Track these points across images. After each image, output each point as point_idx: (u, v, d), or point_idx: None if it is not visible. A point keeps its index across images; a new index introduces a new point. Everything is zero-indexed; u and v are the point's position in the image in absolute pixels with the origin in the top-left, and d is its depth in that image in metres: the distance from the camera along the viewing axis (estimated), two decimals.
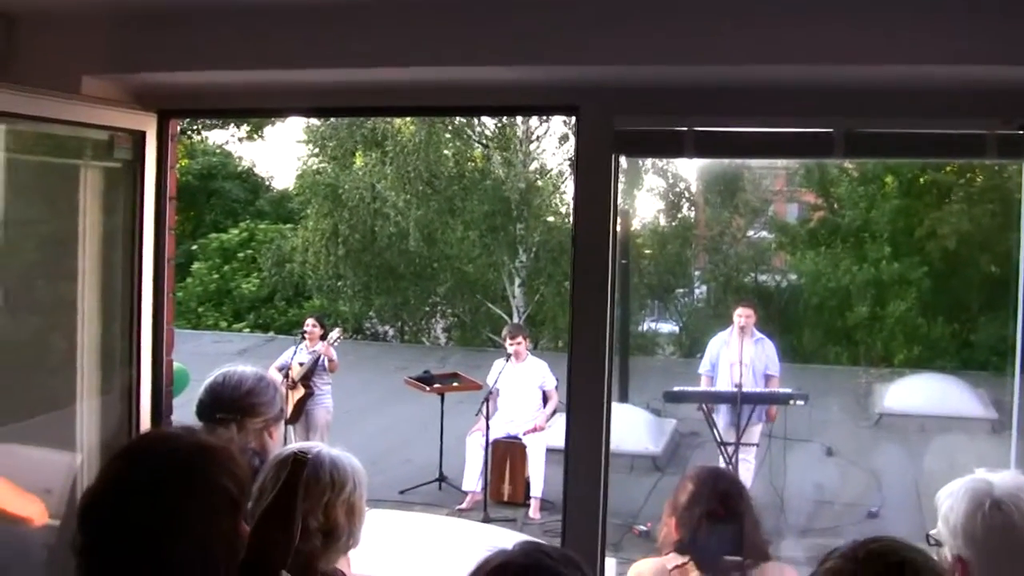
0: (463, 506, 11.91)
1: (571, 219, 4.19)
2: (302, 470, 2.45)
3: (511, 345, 12.26)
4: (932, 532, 2.97)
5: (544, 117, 20.57)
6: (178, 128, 4.78)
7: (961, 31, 3.39)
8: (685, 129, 3.89)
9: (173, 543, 2.15)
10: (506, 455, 12.08)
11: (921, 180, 22.33)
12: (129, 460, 2.30)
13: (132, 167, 4.44)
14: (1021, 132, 3.62)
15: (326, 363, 12.37)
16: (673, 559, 3.92)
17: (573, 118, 4.12)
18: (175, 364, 4.83)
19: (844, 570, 2.06)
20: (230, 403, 3.88)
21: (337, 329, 13.14)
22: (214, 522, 2.21)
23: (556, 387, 12.12)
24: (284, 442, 9.94)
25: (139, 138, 4.41)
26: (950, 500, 2.91)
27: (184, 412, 4.12)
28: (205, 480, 2.22)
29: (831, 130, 3.79)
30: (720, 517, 3.91)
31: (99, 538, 2.18)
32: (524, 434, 12.04)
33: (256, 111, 6.96)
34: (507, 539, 8.49)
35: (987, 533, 2.79)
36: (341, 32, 3.94)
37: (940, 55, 3.41)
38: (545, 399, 12.30)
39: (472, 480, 11.95)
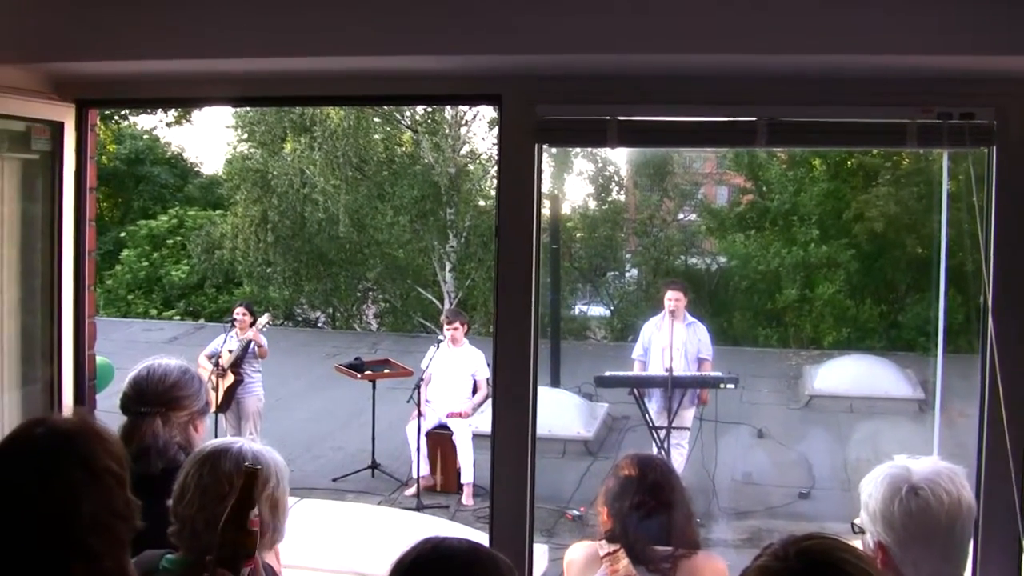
0: (410, 492, 11.85)
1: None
2: (255, 480, 2.54)
3: (448, 330, 12.26)
4: (856, 520, 3.01)
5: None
6: (97, 118, 4.71)
7: (881, 21, 3.40)
8: (608, 118, 3.89)
9: (74, 528, 2.19)
10: (437, 446, 12.06)
11: (848, 164, 22.57)
12: (11, 459, 2.31)
13: (50, 158, 4.37)
14: (940, 121, 3.66)
15: (256, 350, 12.25)
16: (605, 545, 3.95)
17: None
18: (98, 358, 4.78)
19: (773, 568, 2.05)
20: (154, 397, 3.83)
21: (266, 315, 13.05)
22: (109, 499, 2.27)
23: (488, 378, 12.02)
24: (215, 432, 9.90)
25: (57, 129, 4.36)
26: (870, 487, 2.95)
27: (109, 405, 4.06)
28: (90, 464, 2.27)
29: (754, 119, 3.81)
30: (650, 508, 3.93)
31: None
32: (448, 416, 12.02)
33: (177, 101, 6.86)
34: (439, 527, 8.50)
35: (904, 518, 2.83)
36: (261, 21, 3.87)
37: (861, 45, 3.43)
38: (475, 388, 12.28)
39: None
